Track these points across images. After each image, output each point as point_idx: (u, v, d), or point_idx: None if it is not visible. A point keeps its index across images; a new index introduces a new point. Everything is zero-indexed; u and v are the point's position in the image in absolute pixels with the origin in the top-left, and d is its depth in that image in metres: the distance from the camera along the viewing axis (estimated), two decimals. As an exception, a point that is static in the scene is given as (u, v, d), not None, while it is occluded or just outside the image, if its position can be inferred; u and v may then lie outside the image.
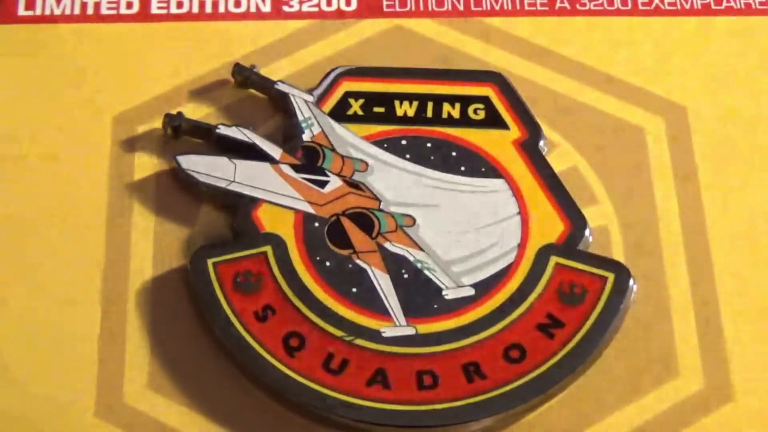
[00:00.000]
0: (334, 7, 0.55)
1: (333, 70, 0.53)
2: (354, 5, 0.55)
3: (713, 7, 0.55)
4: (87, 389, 0.46)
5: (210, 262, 0.48)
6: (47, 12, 0.55)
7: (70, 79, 0.53)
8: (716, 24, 0.55)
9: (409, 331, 0.47)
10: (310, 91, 0.52)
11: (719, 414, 0.46)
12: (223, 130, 0.51)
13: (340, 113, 0.52)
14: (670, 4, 0.56)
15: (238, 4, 0.55)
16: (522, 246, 0.49)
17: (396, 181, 0.50)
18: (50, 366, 0.46)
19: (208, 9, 0.55)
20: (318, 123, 0.51)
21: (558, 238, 0.49)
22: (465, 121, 0.52)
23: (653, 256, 0.49)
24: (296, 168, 0.50)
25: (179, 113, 0.51)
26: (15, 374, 0.46)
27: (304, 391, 0.45)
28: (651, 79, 0.53)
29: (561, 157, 0.51)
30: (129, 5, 0.55)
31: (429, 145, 0.51)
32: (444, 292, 0.48)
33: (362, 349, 0.47)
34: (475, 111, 0.52)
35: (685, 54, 0.54)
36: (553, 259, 0.48)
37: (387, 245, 0.49)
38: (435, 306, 0.47)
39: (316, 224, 0.49)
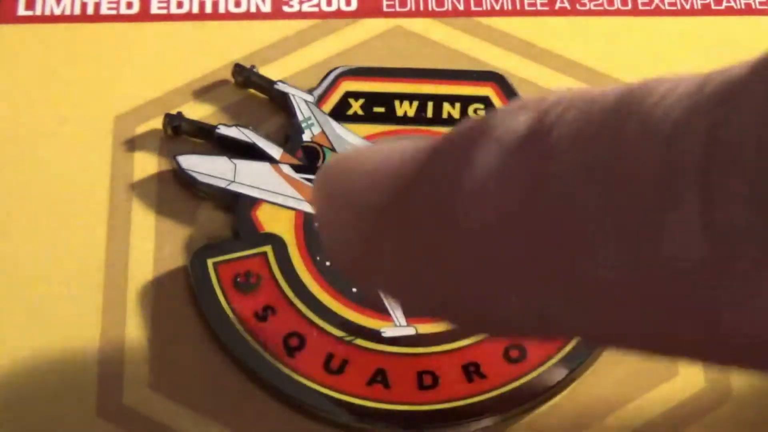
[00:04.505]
0: (334, 7, 0.55)
1: (333, 70, 0.53)
2: (354, 5, 0.55)
3: (713, 7, 0.55)
4: (87, 389, 0.46)
5: (210, 262, 0.48)
6: (47, 12, 0.55)
7: (70, 79, 0.53)
8: (716, 24, 0.55)
9: (410, 331, 0.47)
10: (310, 91, 0.52)
11: (719, 414, 0.46)
12: (223, 130, 0.51)
13: (340, 113, 0.52)
14: (670, 4, 0.56)
15: (238, 4, 0.55)
16: (522, 246, 0.49)
17: (396, 181, 0.50)
18: (50, 366, 0.46)
19: (208, 9, 0.55)
20: (318, 123, 0.51)
21: (558, 238, 0.49)
22: (465, 121, 0.52)
23: (653, 256, 0.49)
24: (296, 168, 0.50)
25: (179, 113, 0.51)
26: (14, 374, 0.46)
27: (304, 391, 0.45)
28: (651, 79, 0.53)
29: (561, 157, 0.51)
30: (129, 5, 0.55)
31: (429, 145, 0.51)
32: (444, 292, 0.48)
33: (362, 349, 0.46)
34: (475, 111, 0.52)
35: (685, 54, 0.54)
36: (553, 259, 0.48)
37: (387, 245, 0.49)
38: (435, 306, 0.47)
39: (317, 224, 0.49)
